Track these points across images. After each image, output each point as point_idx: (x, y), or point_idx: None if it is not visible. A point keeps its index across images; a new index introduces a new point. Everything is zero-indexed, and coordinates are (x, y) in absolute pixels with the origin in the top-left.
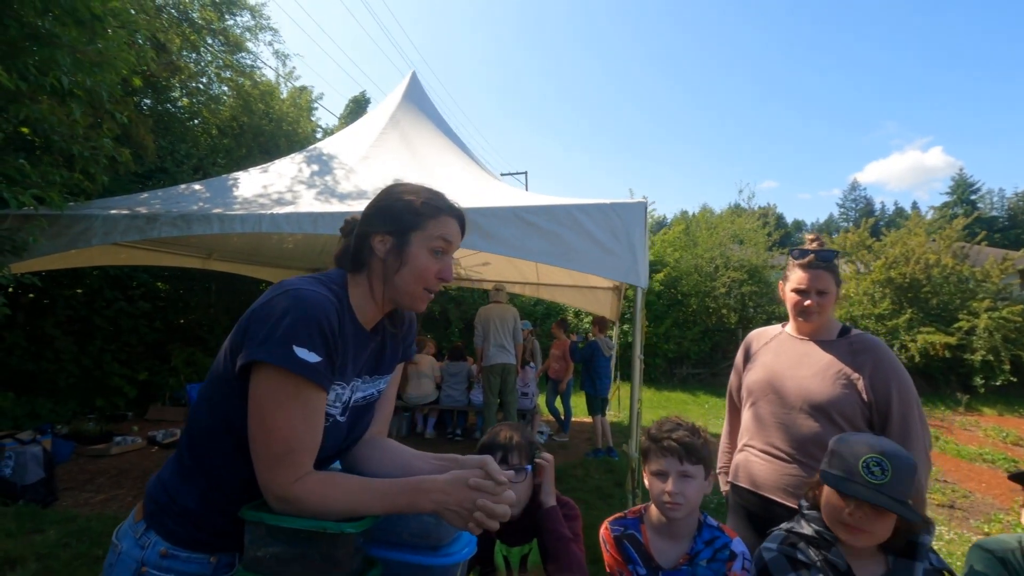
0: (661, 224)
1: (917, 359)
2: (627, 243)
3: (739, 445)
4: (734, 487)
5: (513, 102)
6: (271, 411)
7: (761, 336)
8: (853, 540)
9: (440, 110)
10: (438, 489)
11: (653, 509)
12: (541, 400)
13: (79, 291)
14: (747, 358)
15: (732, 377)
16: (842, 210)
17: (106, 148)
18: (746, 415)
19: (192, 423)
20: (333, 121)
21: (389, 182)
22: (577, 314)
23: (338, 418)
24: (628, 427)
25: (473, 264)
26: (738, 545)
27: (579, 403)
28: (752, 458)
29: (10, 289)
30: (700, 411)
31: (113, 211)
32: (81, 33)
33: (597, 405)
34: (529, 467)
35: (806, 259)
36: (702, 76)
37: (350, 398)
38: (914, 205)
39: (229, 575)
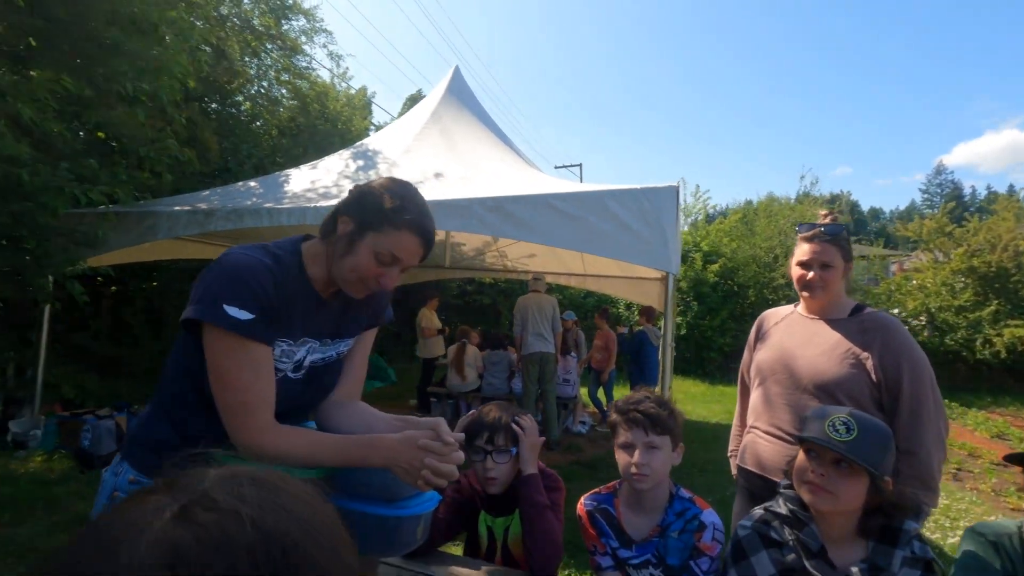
0: (722, 214)
1: (1004, 355)
2: (657, 228)
3: (747, 427)
4: (741, 470)
5: (573, 94)
6: (219, 363)
7: (773, 316)
8: (816, 502)
9: (491, 105)
10: (388, 446)
11: (626, 483)
12: (584, 391)
13: (154, 284)
14: (758, 338)
15: (744, 357)
16: (925, 196)
17: (170, 149)
18: (754, 396)
19: (164, 369)
20: (388, 119)
21: (430, 175)
22: (629, 306)
23: (289, 374)
24: None
25: (518, 256)
26: (708, 516)
27: (623, 394)
28: (759, 440)
29: (99, 279)
30: None
31: (176, 208)
32: (142, 42)
33: None
34: (514, 449)
35: (811, 232)
36: (769, 55)
37: (304, 358)
38: (1010, 189)
39: None
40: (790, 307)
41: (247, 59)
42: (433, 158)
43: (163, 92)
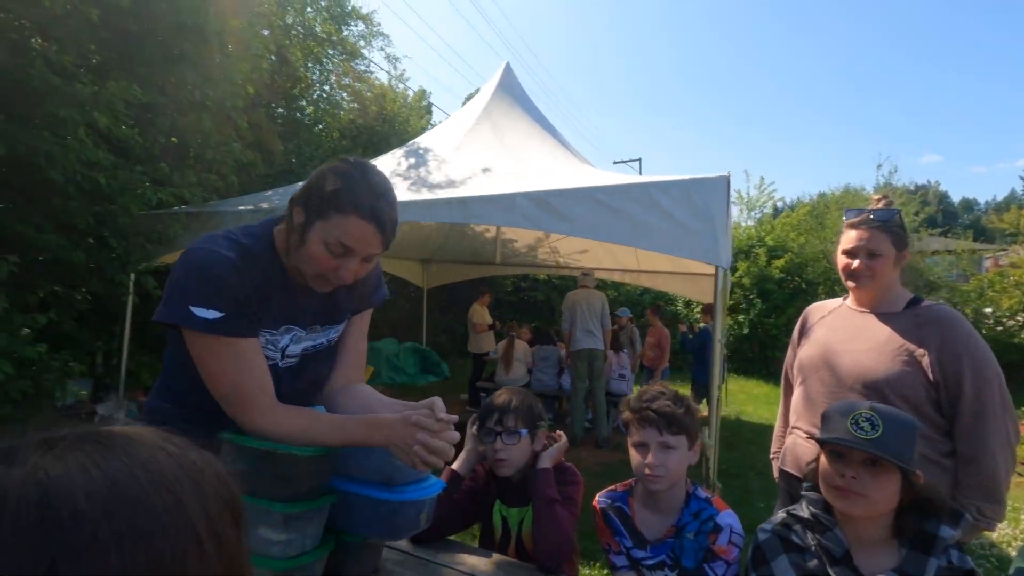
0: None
1: None
2: (707, 221)
3: (788, 427)
4: (782, 472)
5: (633, 88)
6: (205, 362)
7: (819, 309)
8: (847, 506)
9: (545, 101)
10: (386, 425)
11: (639, 482)
12: (636, 388)
13: None
14: (802, 333)
15: (788, 354)
16: None
17: (234, 152)
18: (796, 394)
19: (165, 352)
20: (445, 118)
21: (478, 171)
22: (687, 303)
23: (279, 364)
24: (708, 417)
25: (571, 252)
26: (725, 518)
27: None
28: (800, 441)
29: None
30: None
31: (240, 207)
32: (205, 51)
33: (701, 393)
34: (524, 431)
35: (858, 217)
36: (846, 40)
37: (287, 345)
38: None
39: None
40: (838, 300)
41: (310, 64)
42: (483, 153)
43: (227, 99)
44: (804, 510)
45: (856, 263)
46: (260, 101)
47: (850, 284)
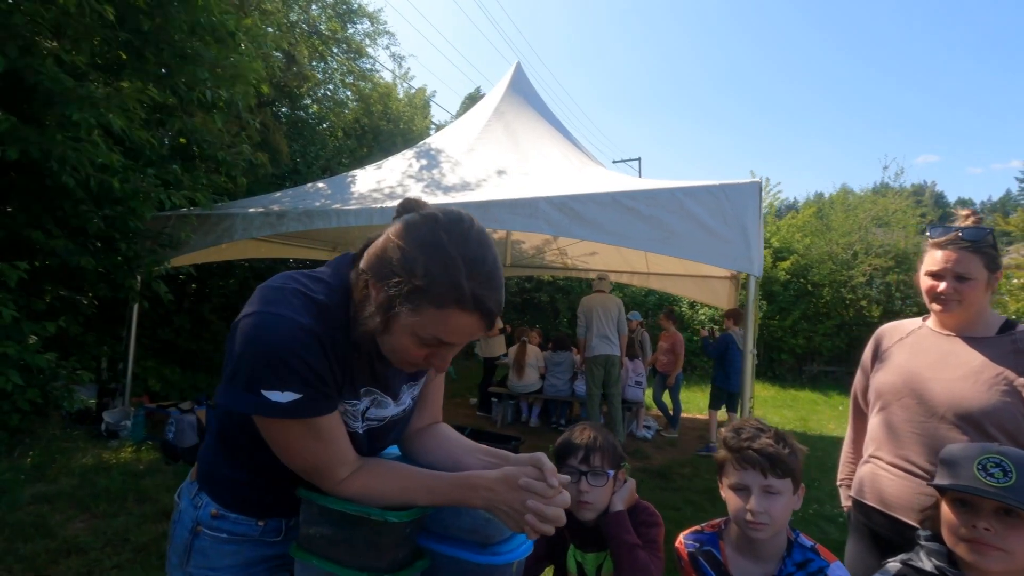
0: (790, 207)
1: None
2: (739, 228)
3: (864, 455)
4: (857, 504)
5: (631, 88)
6: (279, 444)
7: (895, 331)
8: (985, 562)
9: (549, 102)
10: (486, 486)
11: (732, 525)
12: (648, 393)
13: (231, 281)
14: (876, 356)
15: (858, 377)
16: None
17: (245, 153)
18: (874, 421)
19: (218, 404)
20: (448, 118)
21: (492, 173)
22: (692, 305)
23: (359, 431)
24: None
25: (580, 254)
26: (837, 571)
27: (690, 398)
28: (881, 472)
29: (181, 277)
30: (832, 413)
31: (250, 209)
32: (220, 50)
33: (722, 399)
34: (611, 472)
35: (946, 237)
36: (843, 36)
37: (367, 409)
38: None
39: (277, 539)
40: (916, 321)
41: (314, 63)
42: (497, 156)
43: (239, 98)
44: (925, 562)
45: (943, 286)
46: (265, 100)
47: (935, 308)
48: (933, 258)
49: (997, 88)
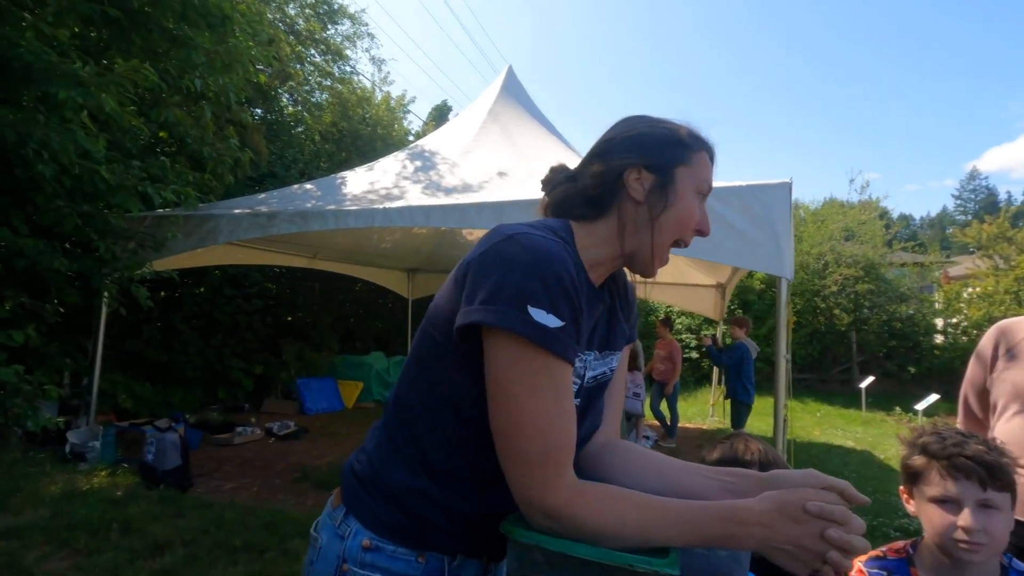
0: None
1: None
2: (769, 230)
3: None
4: None
5: (603, 106)
6: (516, 395)
7: (1021, 325)
8: None
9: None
10: (757, 520)
11: (926, 547)
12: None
13: (203, 289)
14: (1003, 353)
15: (972, 372)
16: (959, 202)
17: (231, 150)
18: (1010, 425)
19: (402, 389)
20: (419, 125)
21: (493, 175)
22: (678, 315)
23: (574, 399)
24: (773, 438)
25: None
26: None
27: (681, 407)
28: None
29: (147, 284)
30: (811, 420)
31: (237, 210)
32: (213, 35)
33: (743, 413)
34: None
35: None
36: (794, 55)
37: (582, 377)
38: None
39: None
40: None
41: (291, 65)
42: (495, 157)
43: (231, 88)
44: None
45: None
46: (242, 100)
47: None
48: None
49: (931, 109)
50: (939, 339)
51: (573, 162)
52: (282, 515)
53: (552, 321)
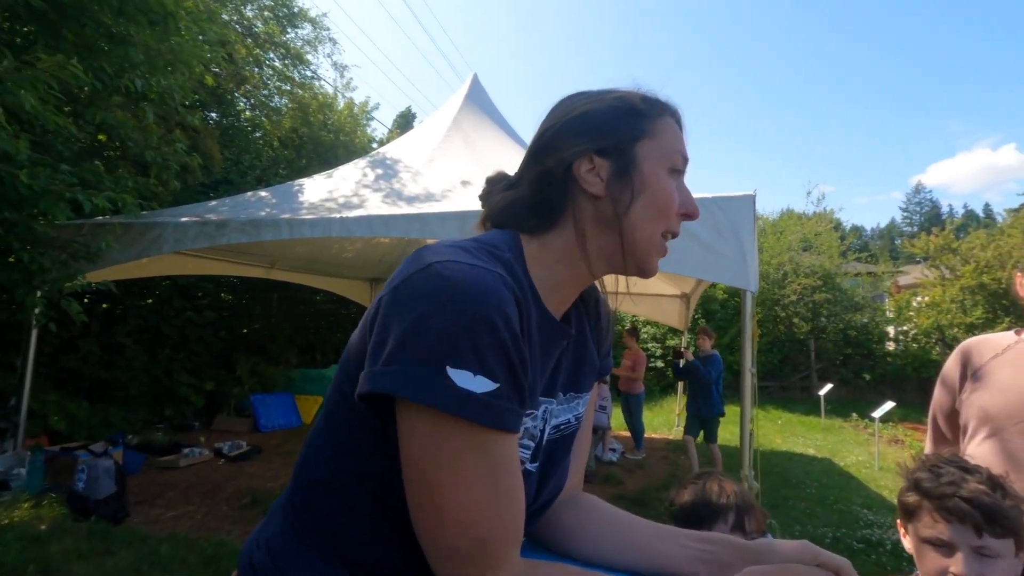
0: None
1: None
2: (734, 242)
3: None
4: None
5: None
6: (439, 483)
7: (986, 345)
8: None
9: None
10: None
11: None
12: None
13: (149, 301)
14: (967, 374)
15: (939, 396)
16: (905, 214)
17: (178, 155)
18: (983, 449)
19: (308, 457)
20: (384, 132)
21: (456, 184)
22: (644, 323)
23: (528, 467)
24: (740, 448)
25: None
26: None
27: (652, 417)
28: None
29: (86, 299)
30: (773, 428)
31: (184, 219)
32: (154, 32)
33: (711, 428)
34: (769, 534)
35: None
36: (746, 71)
37: (542, 432)
38: (986, 208)
39: None
40: (1009, 335)
41: (248, 67)
42: (458, 166)
43: (176, 89)
44: None
45: None
46: (194, 103)
47: None
48: None
49: (879, 126)
50: (891, 346)
51: None
52: (226, 547)
53: (480, 384)
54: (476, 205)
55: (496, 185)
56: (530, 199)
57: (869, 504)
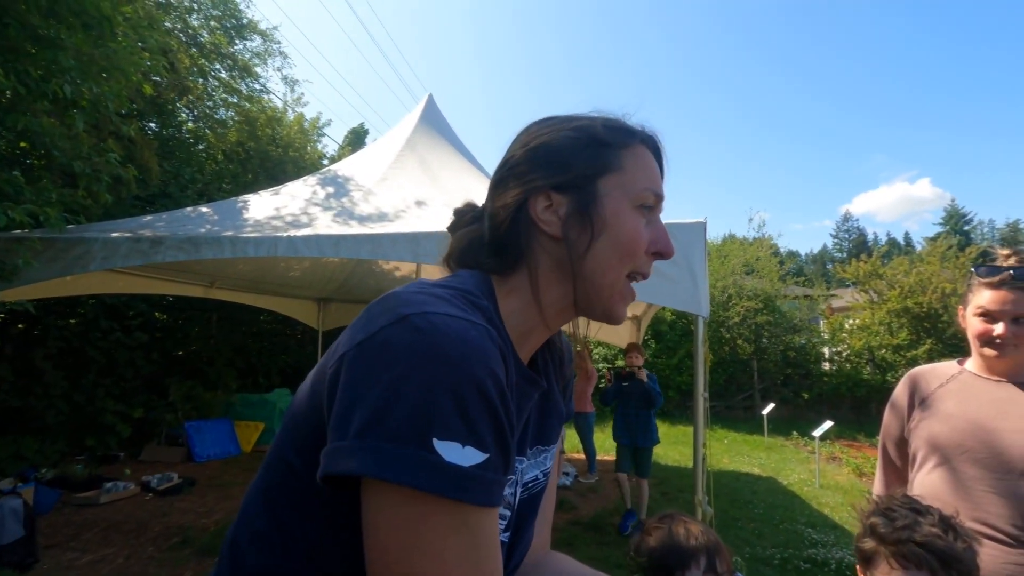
0: None
1: None
2: (687, 268)
3: None
4: None
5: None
6: (414, 568)
7: (932, 375)
8: None
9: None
10: None
11: None
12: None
13: (73, 321)
14: (915, 402)
15: (888, 423)
16: (836, 241)
17: (111, 166)
18: (932, 478)
19: (240, 535)
20: (335, 148)
21: (411, 204)
22: (595, 344)
23: (502, 537)
24: (693, 470)
25: None
26: None
27: (604, 439)
28: None
29: (1, 316)
30: (721, 447)
31: (114, 234)
32: (88, 37)
33: (650, 460)
34: (739, 573)
35: (999, 277)
36: (689, 102)
37: (515, 496)
38: (906, 236)
39: None
40: (952, 364)
41: (192, 78)
42: (412, 187)
43: (111, 97)
44: None
45: (1000, 328)
46: (131, 112)
47: (989, 352)
48: (986, 298)
49: (811, 157)
50: (827, 367)
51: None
52: None
53: (469, 456)
54: (431, 227)
55: (463, 216)
56: (490, 237)
57: (813, 523)
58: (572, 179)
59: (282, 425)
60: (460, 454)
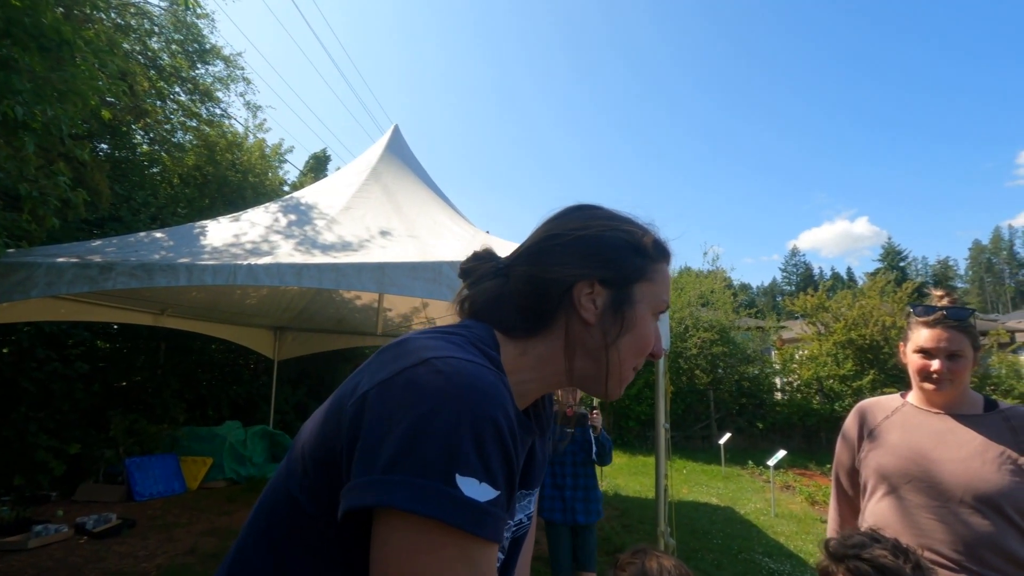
0: None
1: None
2: None
3: None
4: None
5: (476, 162)
6: None
7: (878, 408)
8: None
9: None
10: None
11: None
12: None
13: (5, 350)
14: (864, 434)
15: (840, 454)
16: (784, 274)
17: (59, 189)
18: (881, 507)
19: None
20: (295, 174)
21: (375, 234)
22: None
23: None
24: (655, 501)
25: (446, 320)
26: None
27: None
28: None
29: None
30: (680, 477)
31: (60, 259)
32: (44, 59)
33: (595, 542)
34: None
35: (934, 316)
36: (648, 135)
37: (507, 537)
38: (848, 271)
39: None
40: (895, 398)
41: (149, 101)
42: (376, 216)
43: (64, 119)
44: None
45: (936, 364)
46: (81, 134)
47: (927, 387)
48: (924, 336)
49: (761, 194)
50: (778, 396)
51: (457, 225)
52: None
53: (484, 492)
54: (395, 256)
55: (483, 263)
56: (520, 301)
57: (769, 552)
58: (616, 278)
59: (283, 466)
60: (477, 490)
